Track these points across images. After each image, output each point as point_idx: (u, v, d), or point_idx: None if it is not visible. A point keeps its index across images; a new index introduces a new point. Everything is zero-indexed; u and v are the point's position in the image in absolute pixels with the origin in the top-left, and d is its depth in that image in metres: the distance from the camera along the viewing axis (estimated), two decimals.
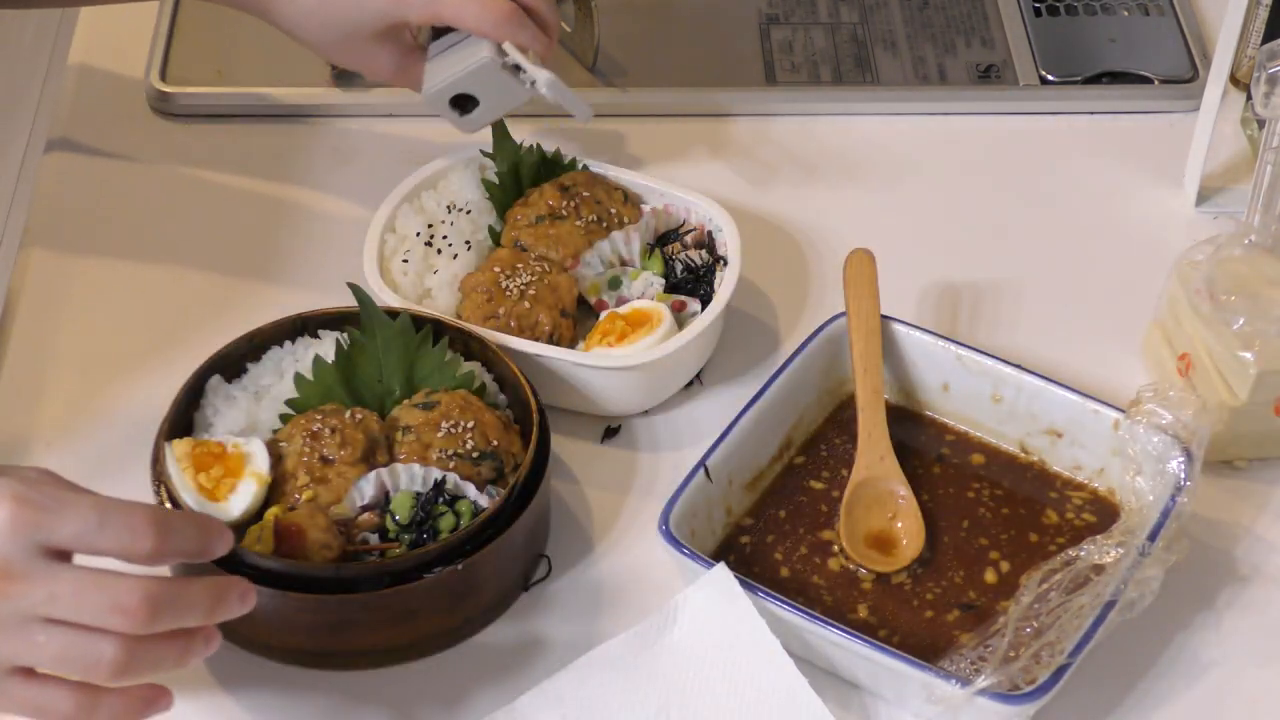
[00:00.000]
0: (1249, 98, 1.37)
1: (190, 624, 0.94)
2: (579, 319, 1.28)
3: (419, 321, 1.21)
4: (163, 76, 1.48)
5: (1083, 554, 1.11)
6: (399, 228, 1.30)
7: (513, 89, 1.31)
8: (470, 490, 1.14)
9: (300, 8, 1.25)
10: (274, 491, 1.13)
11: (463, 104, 1.32)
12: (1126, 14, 1.56)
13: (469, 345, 1.22)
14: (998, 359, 1.22)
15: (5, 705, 0.90)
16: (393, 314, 1.20)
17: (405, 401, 1.18)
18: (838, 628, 1.08)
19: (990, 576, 1.16)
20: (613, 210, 1.32)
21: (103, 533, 0.92)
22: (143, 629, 0.91)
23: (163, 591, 0.92)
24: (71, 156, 1.44)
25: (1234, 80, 1.46)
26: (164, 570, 1.05)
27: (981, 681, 1.05)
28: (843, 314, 1.24)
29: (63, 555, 0.92)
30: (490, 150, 1.35)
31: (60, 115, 1.45)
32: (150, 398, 1.21)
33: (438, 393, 1.18)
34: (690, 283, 1.29)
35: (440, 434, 1.15)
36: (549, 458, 1.16)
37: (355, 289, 1.21)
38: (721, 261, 1.29)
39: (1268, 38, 1.43)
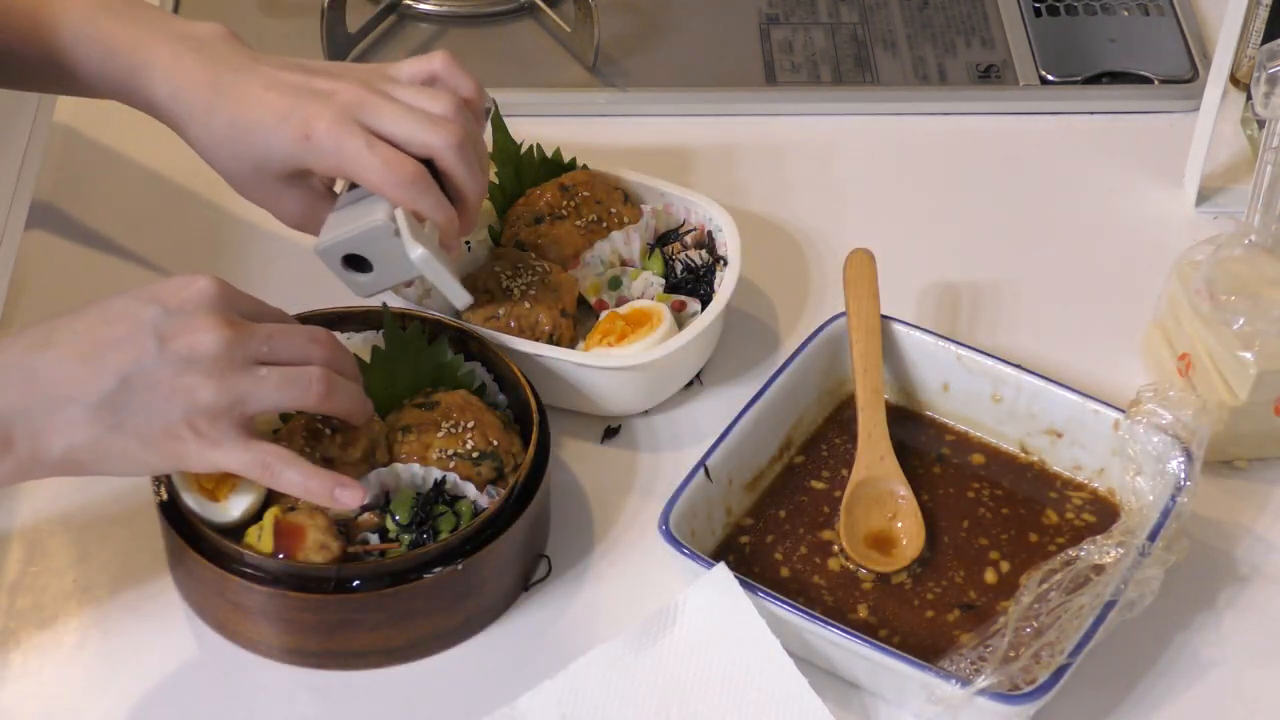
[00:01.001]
0: (1249, 98, 1.37)
1: (351, 360, 1.13)
2: (579, 319, 1.28)
3: (420, 321, 1.21)
4: None
5: (1083, 554, 1.11)
6: None
7: (404, 260, 1.18)
8: (470, 490, 1.14)
9: (213, 136, 1.20)
10: (274, 491, 1.13)
11: (358, 265, 1.20)
12: (1126, 14, 1.56)
13: (469, 345, 1.22)
14: (998, 359, 1.22)
15: (232, 455, 1.06)
16: (393, 315, 1.21)
17: (405, 401, 1.18)
18: (838, 628, 1.08)
19: (990, 576, 1.16)
20: (613, 210, 1.32)
21: (267, 311, 1.11)
22: (331, 357, 1.10)
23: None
24: (73, 155, 1.43)
25: (1234, 80, 1.46)
26: None
27: (981, 681, 1.05)
28: (843, 314, 1.24)
29: None
30: (490, 150, 1.35)
31: (61, 114, 1.45)
32: None
33: (438, 393, 1.18)
34: (690, 283, 1.29)
35: (440, 434, 1.15)
36: (549, 458, 1.16)
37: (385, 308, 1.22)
38: (721, 261, 1.29)
39: (1268, 38, 1.43)
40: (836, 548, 1.17)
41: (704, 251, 1.30)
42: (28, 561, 1.17)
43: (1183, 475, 1.13)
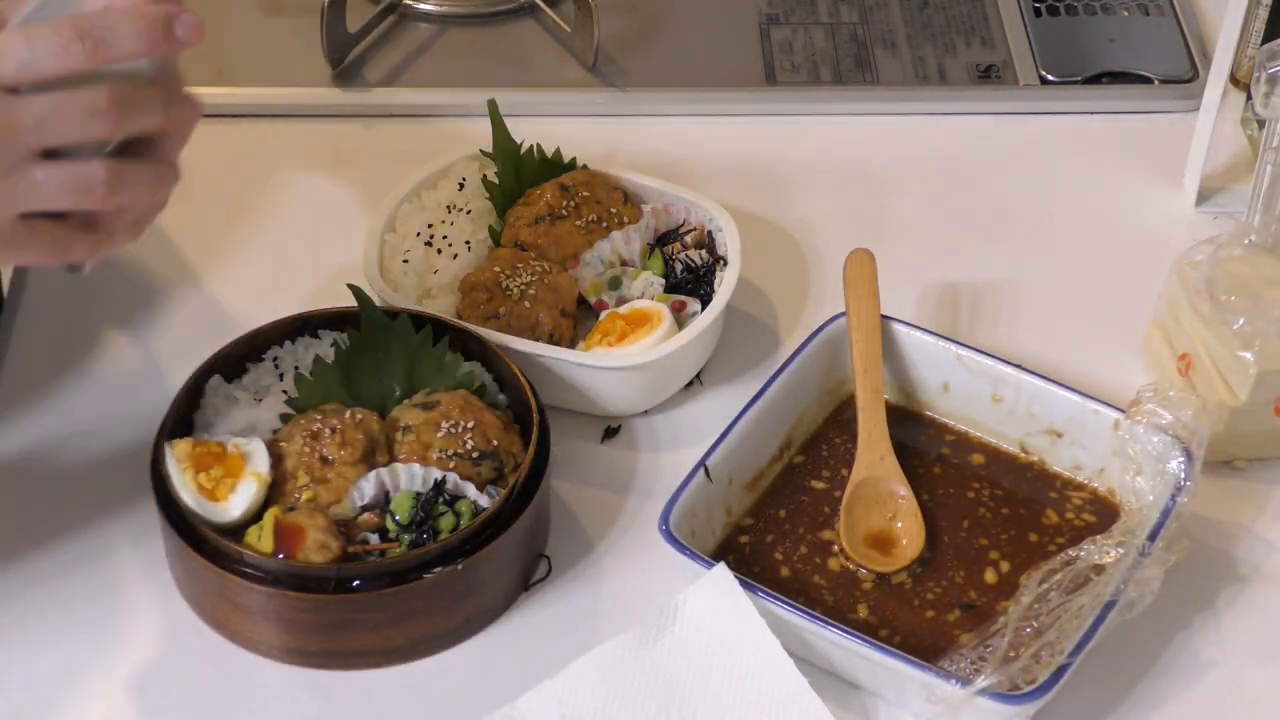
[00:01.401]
0: (1249, 98, 1.37)
1: (156, 112, 0.97)
2: (579, 319, 1.28)
3: (419, 321, 1.21)
4: None
5: (1083, 554, 1.11)
6: (399, 228, 1.30)
7: None
8: (470, 490, 1.14)
9: None
10: (274, 491, 1.13)
11: None
12: (1126, 14, 1.56)
13: (469, 345, 1.22)
14: (998, 359, 1.22)
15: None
16: (392, 314, 1.21)
17: (405, 401, 1.18)
18: (838, 628, 1.08)
19: (990, 576, 1.16)
20: (613, 210, 1.32)
21: (37, 53, 0.93)
22: (118, 126, 0.95)
23: (124, 88, 0.95)
24: None
25: (1234, 80, 1.46)
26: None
27: (981, 681, 1.05)
28: (843, 314, 1.24)
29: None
30: (490, 150, 1.35)
31: None
32: (150, 398, 1.21)
33: (438, 393, 1.18)
34: (690, 283, 1.29)
35: (440, 434, 1.15)
36: (549, 458, 1.16)
37: (355, 290, 1.21)
38: (721, 261, 1.29)
39: (1268, 38, 1.43)
40: (836, 548, 1.17)
41: (704, 251, 1.30)
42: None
43: (1183, 475, 1.13)
